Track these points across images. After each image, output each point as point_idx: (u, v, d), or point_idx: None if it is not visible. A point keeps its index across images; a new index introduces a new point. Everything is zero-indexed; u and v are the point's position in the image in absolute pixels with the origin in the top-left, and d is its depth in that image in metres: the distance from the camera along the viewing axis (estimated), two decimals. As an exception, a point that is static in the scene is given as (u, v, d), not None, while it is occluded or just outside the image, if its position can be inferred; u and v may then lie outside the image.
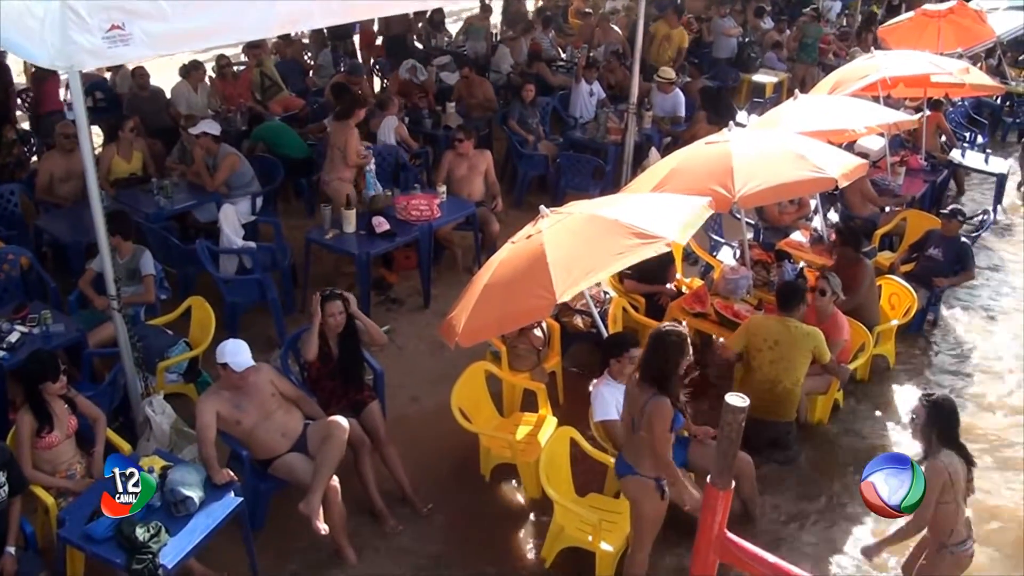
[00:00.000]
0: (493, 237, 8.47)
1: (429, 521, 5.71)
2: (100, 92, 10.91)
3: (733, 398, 2.98)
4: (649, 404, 4.54)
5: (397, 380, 6.77)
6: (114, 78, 11.37)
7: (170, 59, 10.70)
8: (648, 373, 4.62)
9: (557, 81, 12.59)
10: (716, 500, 3.09)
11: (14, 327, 6.10)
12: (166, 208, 8.05)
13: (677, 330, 4.64)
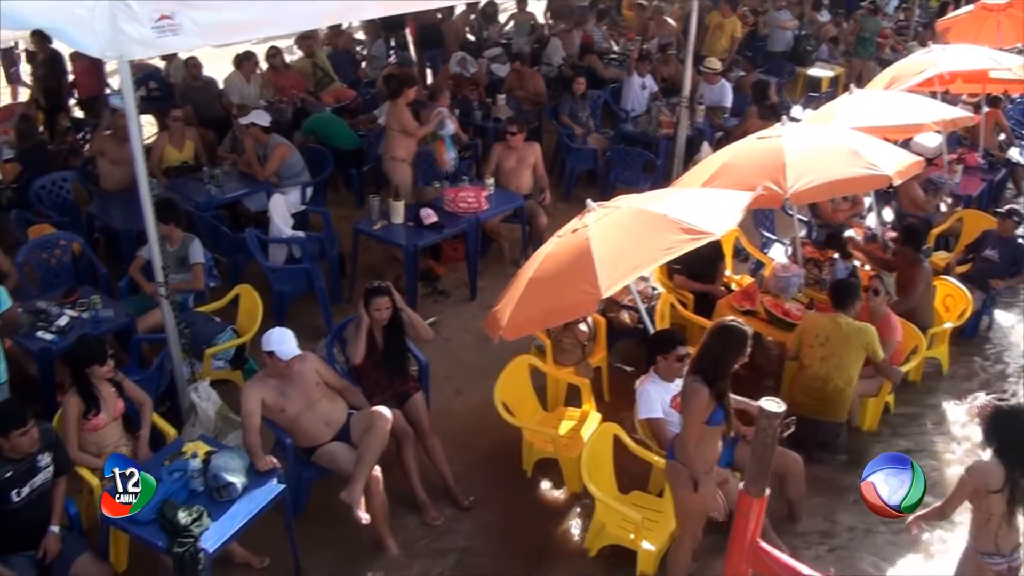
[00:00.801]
0: (541, 230, 8.43)
1: (470, 513, 5.70)
2: (153, 82, 11.09)
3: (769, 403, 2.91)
4: (687, 388, 4.51)
5: (442, 372, 6.79)
6: (167, 68, 11.53)
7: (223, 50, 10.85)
8: (699, 361, 4.57)
9: (609, 74, 12.50)
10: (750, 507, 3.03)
11: (64, 311, 6.21)
12: (217, 197, 8.14)
13: (738, 328, 4.58)
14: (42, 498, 4.60)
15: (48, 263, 7.14)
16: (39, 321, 6.09)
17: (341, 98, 10.89)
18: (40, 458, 4.56)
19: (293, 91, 10.65)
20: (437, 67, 12.95)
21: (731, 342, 4.53)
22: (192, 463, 4.76)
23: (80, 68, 10.94)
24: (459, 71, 11.55)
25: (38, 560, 4.53)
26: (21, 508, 4.49)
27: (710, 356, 4.55)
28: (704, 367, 4.53)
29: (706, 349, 4.59)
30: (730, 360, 4.53)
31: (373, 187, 9.20)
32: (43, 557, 4.54)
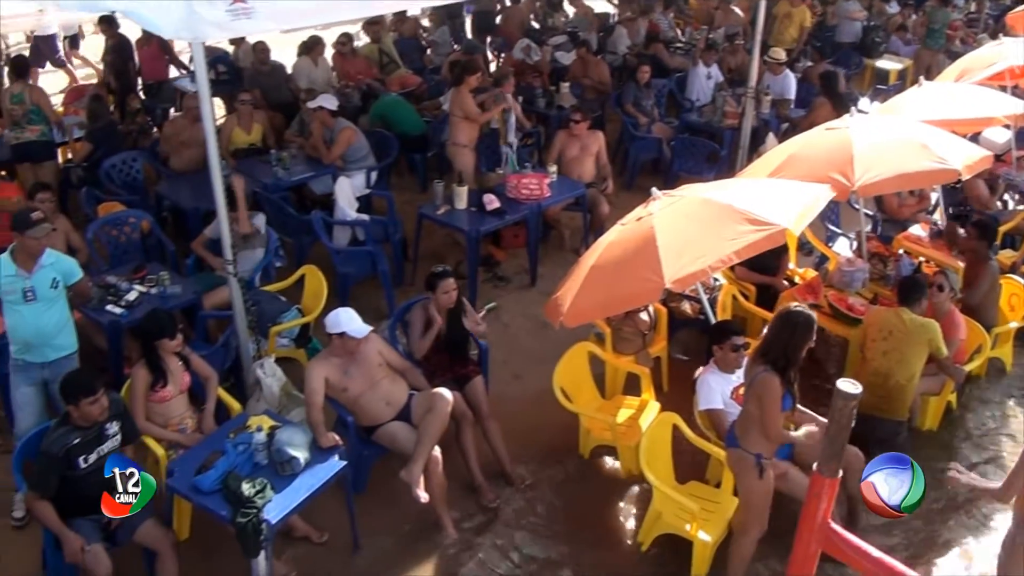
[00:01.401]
0: (602, 219, 8.41)
1: (526, 497, 5.72)
2: (222, 65, 11.25)
3: (845, 384, 2.88)
4: (757, 378, 4.48)
5: (501, 357, 6.82)
6: (236, 52, 11.69)
7: (289, 36, 11.03)
8: (766, 350, 4.54)
9: (674, 63, 12.40)
10: (822, 487, 2.99)
11: (133, 286, 6.36)
12: (283, 179, 8.25)
13: (806, 312, 4.55)
14: (109, 465, 4.74)
15: (118, 240, 7.31)
16: (109, 295, 6.24)
17: (406, 84, 10.96)
18: (108, 426, 4.70)
19: (359, 76, 10.76)
20: (500, 53, 13.01)
21: (799, 327, 4.51)
22: (257, 436, 4.85)
23: (146, 53, 11.16)
24: (523, 58, 11.56)
25: (103, 524, 4.65)
26: (88, 474, 4.60)
27: (779, 343, 4.52)
28: (774, 355, 4.50)
29: (774, 336, 4.56)
30: (799, 346, 4.51)
31: (436, 173, 9.25)
32: (108, 522, 4.65)
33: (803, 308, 4.63)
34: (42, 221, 5.23)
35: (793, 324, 4.52)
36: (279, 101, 10.15)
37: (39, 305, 5.27)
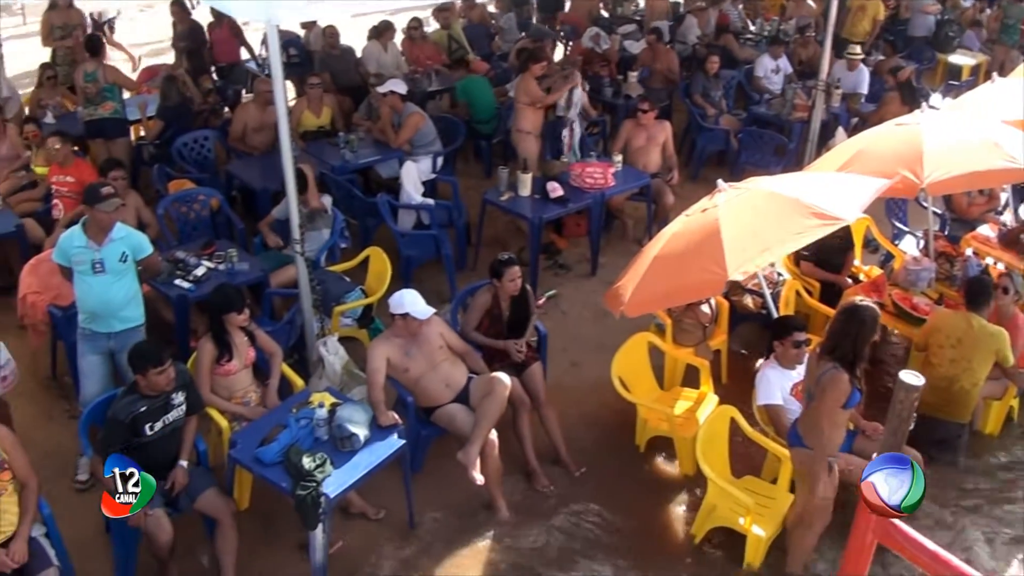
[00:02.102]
0: (666, 210, 8.37)
1: (581, 485, 5.73)
2: (293, 49, 11.39)
3: (908, 375, 2.87)
4: (825, 376, 4.43)
5: (559, 344, 6.84)
6: (307, 36, 11.81)
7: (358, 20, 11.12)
8: (831, 345, 4.49)
9: (744, 54, 12.24)
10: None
11: (201, 262, 6.47)
12: (351, 162, 8.34)
13: (870, 307, 4.50)
14: (173, 434, 4.85)
15: (187, 216, 7.47)
16: (177, 270, 6.37)
17: (475, 70, 10.99)
18: (174, 396, 4.80)
19: (428, 62, 10.82)
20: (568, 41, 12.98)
21: (867, 321, 4.46)
22: (319, 412, 4.94)
23: (218, 36, 11.35)
24: (591, 46, 11.50)
25: (166, 490, 4.77)
26: (153, 441, 4.74)
27: (846, 339, 4.46)
28: (841, 352, 4.45)
29: (840, 332, 4.50)
30: (866, 340, 4.45)
31: (501, 159, 9.29)
32: (171, 488, 4.79)
33: (868, 302, 4.57)
34: (112, 196, 5.33)
35: (861, 319, 4.47)
36: (348, 85, 10.25)
37: (107, 277, 5.37)
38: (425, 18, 12.21)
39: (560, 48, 13.38)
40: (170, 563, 4.81)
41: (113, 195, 5.35)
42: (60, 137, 7.55)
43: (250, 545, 5.02)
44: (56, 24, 10.11)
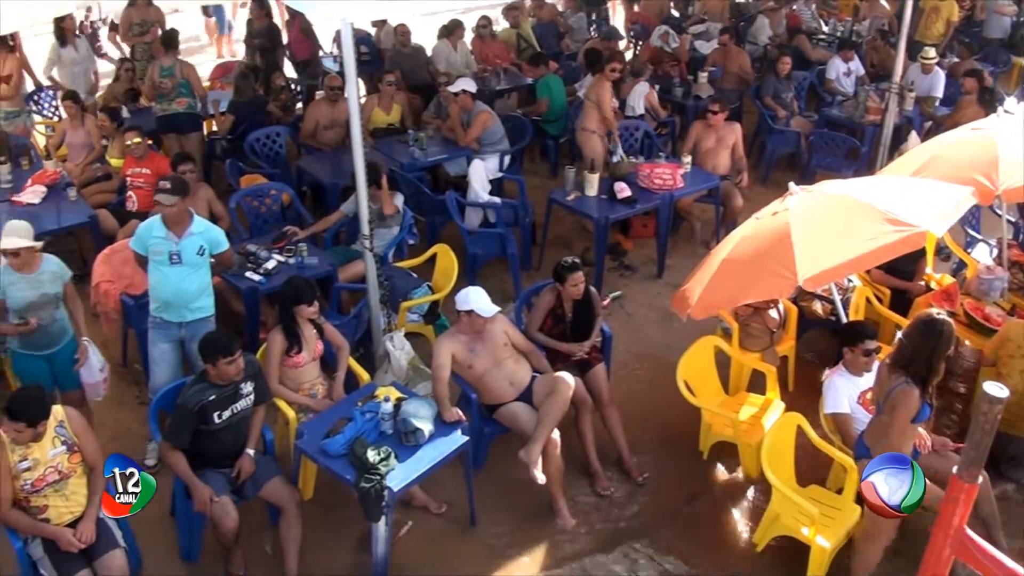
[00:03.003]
0: (735, 212, 8.29)
1: (641, 488, 5.71)
2: (364, 46, 11.49)
3: (992, 387, 2.78)
4: (896, 390, 4.33)
5: (623, 345, 6.82)
6: (378, 34, 11.92)
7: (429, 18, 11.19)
8: (903, 358, 4.39)
9: (816, 55, 12.03)
10: (960, 492, 2.89)
11: (272, 255, 6.57)
12: (420, 160, 8.40)
13: (947, 320, 4.38)
14: (241, 423, 4.93)
15: (258, 210, 7.59)
16: (248, 262, 6.47)
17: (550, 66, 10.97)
18: (243, 386, 4.88)
19: (497, 61, 10.86)
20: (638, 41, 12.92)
21: (943, 336, 4.35)
22: (384, 406, 4.98)
23: (295, 34, 11.54)
24: (661, 46, 11.41)
25: (232, 478, 4.87)
26: (221, 429, 4.83)
27: (921, 353, 4.35)
28: (916, 366, 4.35)
29: (915, 346, 4.40)
30: (936, 354, 4.34)
31: (568, 159, 9.28)
32: (237, 475, 4.88)
33: (943, 315, 4.46)
34: (165, 191, 5.39)
35: (937, 333, 4.35)
36: (418, 83, 10.32)
37: (183, 269, 5.48)
38: (495, 17, 12.25)
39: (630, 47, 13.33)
40: (234, 549, 4.90)
41: (167, 190, 5.40)
42: (137, 131, 7.73)
43: (313, 535, 5.08)
44: (135, 20, 10.35)
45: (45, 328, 5.35)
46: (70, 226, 7.43)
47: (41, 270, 5.31)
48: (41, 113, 10.46)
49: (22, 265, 5.25)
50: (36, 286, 5.28)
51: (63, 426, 4.52)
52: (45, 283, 5.32)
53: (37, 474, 4.40)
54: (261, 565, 5.09)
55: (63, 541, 4.38)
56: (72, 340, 5.54)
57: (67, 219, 7.40)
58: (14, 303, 5.25)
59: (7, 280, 5.22)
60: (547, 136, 9.95)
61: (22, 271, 5.25)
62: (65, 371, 5.51)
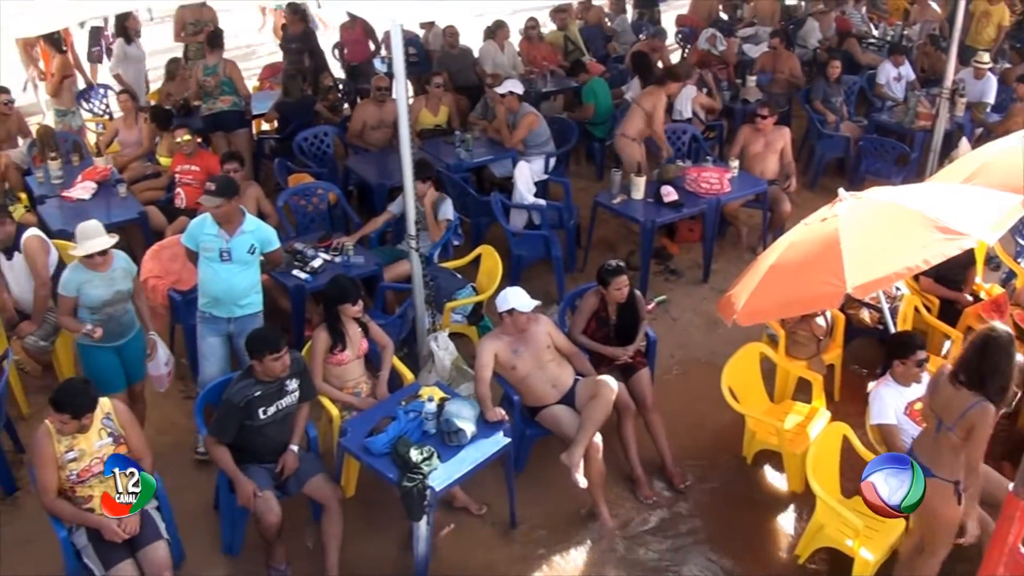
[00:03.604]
0: (782, 218, 8.21)
1: (683, 495, 5.67)
2: (413, 48, 11.57)
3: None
4: (974, 410, 4.17)
5: (667, 350, 6.79)
6: (426, 35, 11.99)
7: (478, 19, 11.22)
8: (969, 375, 4.27)
9: (866, 60, 11.90)
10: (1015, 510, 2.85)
11: (318, 254, 6.63)
12: (466, 161, 8.43)
13: (1007, 331, 4.27)
14: (285, 419, 4.98)
15: (306, 209, 7.65)
16: (295, 260, 6.54)
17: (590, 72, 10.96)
18: (288, 383, 4.92)
19: (544, 63, 10.86)
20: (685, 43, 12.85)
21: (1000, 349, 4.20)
22: (427, 406, 5.00)
23: (349, 36, 11.64)
24: (708, 49, 11.35)
25: (276, 473, 4.91)
26: (266, 425, 4.87)
27: (981, 367, 4.23)
28: (978, 379, 4.23)
29: (974, 361, 4.28)
30: (1004, 369, 4.21)
31: (614, 162, 9.25)
32: (281, 471, 4.92)
33: (1002, 327, 4.35)
34: (211, 192, 5.44)
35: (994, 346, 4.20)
36: (465, 84, 10.36)
37: (233, 266, 5.53)
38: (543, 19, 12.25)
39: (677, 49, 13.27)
40: (276, 543, 4.94)
41: (211, 192, 5.45)
42: (187, 129, 7.85)
43: (354, 532, 5.11)
44: (189, 20, 10.50)
45: (118, 319, 5.43)
46: (119, 222, 7.49)
47: (113, 267, 5.38)
48: (92, 111, 10.64)
49: (102, 263, 5.32)
50: (110, 283, 5.35)
51: (110, 418, 4.60)
52: (118, 280, 5.39)
53: (83, 465, 4.47)
54: (302, 560, 5.13)
55: (107, 531, 4.44)
56: (140, 333, 5.63)
57: (116, 215, 7.51)
58: (89, 301, 5.31)
59: (82, 278, 5.28)
60: (593, 139, 9.94)
61: (99, 269, 5.31)
62: (134, 363, 5.61)
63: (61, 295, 5.38)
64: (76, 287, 5.28)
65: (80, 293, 5.29)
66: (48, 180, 7.99)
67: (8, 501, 5.27)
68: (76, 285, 5.28)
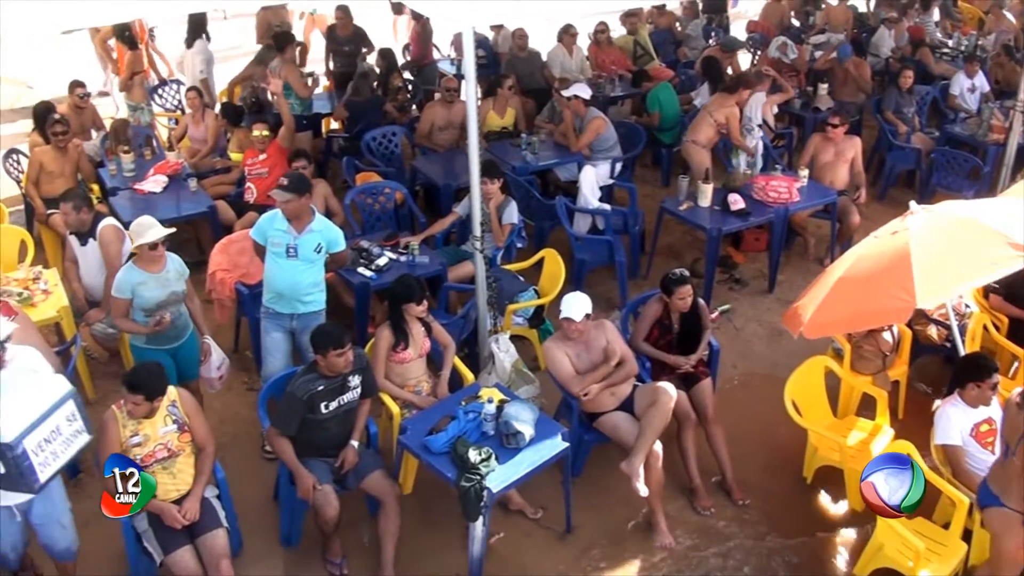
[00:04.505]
0: (851, 229, 8.08)
1: (742, 508, 5.61)
2: (482, 50, 11.58)
3: None
4: None
5: (730, 360, 6.73)
6: (495, 38, 12.02)
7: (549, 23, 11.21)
8: None
9: (939, 70, 11.63)
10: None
11: (384, 252, 6.69)
12: (531, 163, 8.44)
13: None
14: (347, 415, 5.03)
15: (372, 207, 7.73)
16: (361, 258, 6.60)
17: (659, 77, 10.90)
18: (351, 379, 4.98)
19: (613, 67, 10.83)
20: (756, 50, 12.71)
21: None
22: (487, 407, 5.02)
23: (412, 35, 11.73)
24: (778, 56, 11.20)
25: (336, 468, 4.97)
26: (327, 420, 4.93)
27: None
28: None
29: None
30: None
31: (681, 168, 9.19)
32: (341, 465, 4.98)
33: None
34: (283, 188, 5.52)
35: None
36: (532, 87, 10.37)
37: (298, 263, 5.60)
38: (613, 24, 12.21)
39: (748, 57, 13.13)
40: (333, 537, 5.02)
41: (282, 187, 5.53)
42: (265, 124, 7.98)
43: (410, 529, 5.16)
44: (274, 22, 10.68)
45: (173, 322, 5.52)
46: (189, 215, 7.73)
47: (167, 268, 5.48)
48: (164, 107, 10.87)
49: (157, 259, 5.42)
50: (164, 284, 5.44)
51: (175, 406, 4.70)
52: (172, 281, 5.49)
53: (147, 450, 4.57)
54: (358, 555, 5.19)
55: (168, 516, 4.55)
56: (193, 335, 5.72)
57: (186, 208, 7.71)
58: (143, 302, 5.40)
59: (137, 279, 5.37)
60: (660, 144, 9.87)
61: (152, 269, 5.40)
62: (187, 365, 5.69)
63: (115, 297, 5.44)
64: (131, 288, 5.36)
65: (135, 295, 5.37)
66: (120, 172, 8.18)
67: (71, 484, 5.38)
68: (131, 286, 5.36)
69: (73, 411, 4.20)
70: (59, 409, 4.11)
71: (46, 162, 7.80)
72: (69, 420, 4.17)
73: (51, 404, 4.08)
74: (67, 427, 4.15)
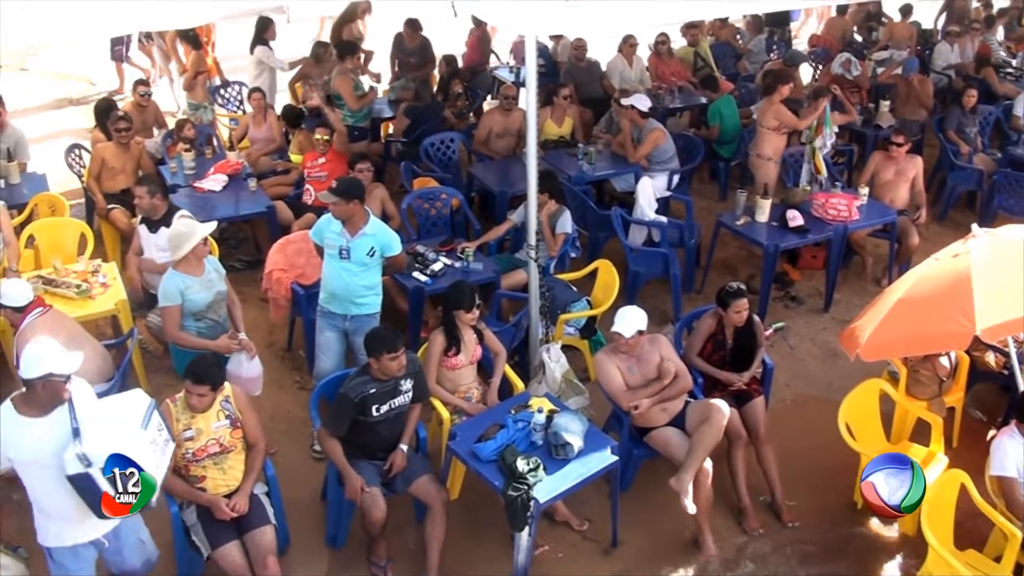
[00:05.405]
0: (910, 250, 7.96)
1: (790, 531, 5.53)
2: (541, 59, 11.60)
3: None
4: None
5: (783, 379, 6.65)
6: (555, 47, 12.04)
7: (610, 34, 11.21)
8: None
9: (1003, 90, 11.39)
10: None
11: (439, 257, 6.74)
12: (588, 173, 8.43)
13: None
14: (397, 418, 5.06)
15: (428, 212, 7.78)
16: (416, 262, 6.65)
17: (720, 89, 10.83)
18: (403, 383, 5.01)
19: (672, 79, 10.78)
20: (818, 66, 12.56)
21: None
22: (537, 417, 5.03)
23: (471, 42, 11.80)
24: (841, 72, 11.06)
25: (384, 470, 5.01)
26: (377, 423, 4.96)
27: None
28: None
29: None
30: None
31: (738, 182, 9.13)
32: (389, 468, 5.01)
33: None
34: (332, 190, 5.60)
35: None
36: (591, 97, 10.36)
37: (352, 266, 5.67)
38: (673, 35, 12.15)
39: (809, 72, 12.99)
40: (379, 539, 5.05)
41: (331, 189, 5.61)
42: (326, 128, 8.08)
43: (455, 535, 5.16)
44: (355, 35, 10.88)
45: (222, 325, 5.63)
46: (248, 215, 7.85)
47: (208, 270, 5.57)
48: (225, 107, 11.04)
49: (206, 253, 5.52)
50: (209, 286, 5.54)
51: (228, 401, 4.77)
52: (215, 282, 5.59)
53: (199, 444, 4.64)
54: (403, 559, 5.22)
55: (217, 509, 4.62)
56: None
57: (245, 208, 7.83)
58: (194, 306, 5.48)
59: (184, 284, 5.44)
60: (719, 157, 9.81)
61: (195, 272, 5.47)
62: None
63: (165, 308, 5.43)
64: (179, 293, 5.42)
65: (184, 299, 5.44)
66: (181, 170, 8.33)
67: (123, 474, 5.46)
68: (179, 291, 5.42)
69: (160, 422, 4.31)
70: (151, 422, 4.22)
71: (108, 158, 7.95)
72: (159, 430, 4.29)
73: (143, 418, 4.18)
74: (159, 437, 4.28)
